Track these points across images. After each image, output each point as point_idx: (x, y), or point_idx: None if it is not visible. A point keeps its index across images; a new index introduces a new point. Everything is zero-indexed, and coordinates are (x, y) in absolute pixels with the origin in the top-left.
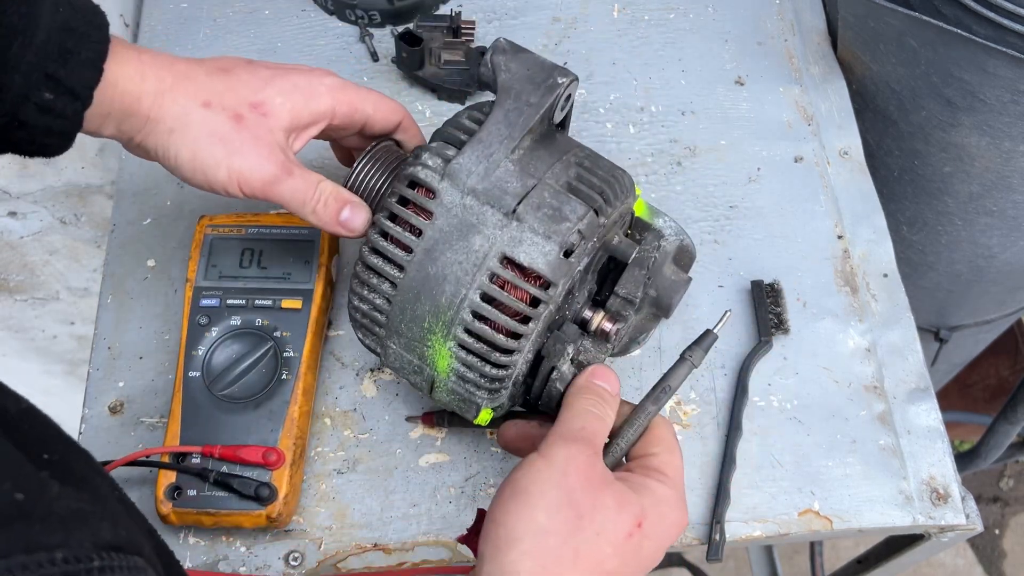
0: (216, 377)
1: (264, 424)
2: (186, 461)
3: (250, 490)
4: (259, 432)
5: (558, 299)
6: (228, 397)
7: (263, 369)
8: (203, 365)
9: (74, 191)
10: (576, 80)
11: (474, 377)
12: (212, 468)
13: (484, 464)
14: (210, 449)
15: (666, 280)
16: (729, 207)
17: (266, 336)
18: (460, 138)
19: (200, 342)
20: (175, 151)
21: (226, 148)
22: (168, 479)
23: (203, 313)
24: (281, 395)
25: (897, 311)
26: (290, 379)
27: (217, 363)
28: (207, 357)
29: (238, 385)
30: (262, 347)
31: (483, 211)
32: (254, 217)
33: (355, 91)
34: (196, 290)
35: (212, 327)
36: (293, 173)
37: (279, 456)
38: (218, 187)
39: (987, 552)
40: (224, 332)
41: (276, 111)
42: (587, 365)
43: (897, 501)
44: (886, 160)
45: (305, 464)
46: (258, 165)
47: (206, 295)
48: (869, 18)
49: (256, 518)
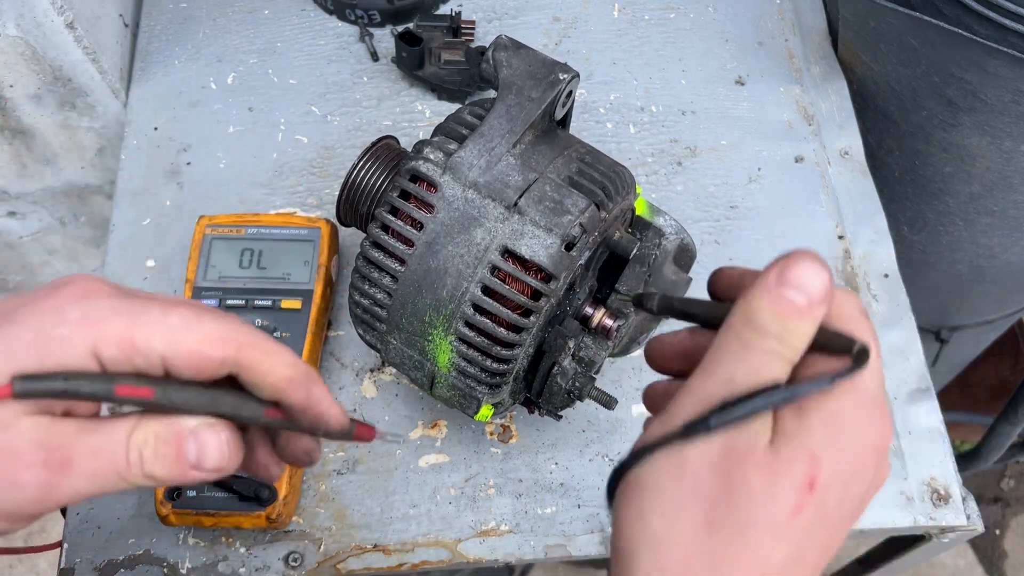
0: None
1: None
2: None
3: (250, 491)
4: None
5: (559, 292)
6: None
7: None
8: None
9: (73, 191)
10: (577, 76)
11: (475, 371)
12: None
13: (484, 465)
14: None
15: (667, 280)
16: (729, 207)
17: None
18: (461, 132)
19: None
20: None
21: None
22: None
23: None
24: None
25: (898, 311)
26: None
27: None
28: None
29: None
30: None
31: (484, 204)
32: (254, 217)
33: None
34: (195, 290)
35: None
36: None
37: None
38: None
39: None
40: None
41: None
42: (588, 362)
43: (898, 502)
44: (887, 160)
45: None
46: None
47: (205, 295)
48: (870, 18)
49: (256, 519)
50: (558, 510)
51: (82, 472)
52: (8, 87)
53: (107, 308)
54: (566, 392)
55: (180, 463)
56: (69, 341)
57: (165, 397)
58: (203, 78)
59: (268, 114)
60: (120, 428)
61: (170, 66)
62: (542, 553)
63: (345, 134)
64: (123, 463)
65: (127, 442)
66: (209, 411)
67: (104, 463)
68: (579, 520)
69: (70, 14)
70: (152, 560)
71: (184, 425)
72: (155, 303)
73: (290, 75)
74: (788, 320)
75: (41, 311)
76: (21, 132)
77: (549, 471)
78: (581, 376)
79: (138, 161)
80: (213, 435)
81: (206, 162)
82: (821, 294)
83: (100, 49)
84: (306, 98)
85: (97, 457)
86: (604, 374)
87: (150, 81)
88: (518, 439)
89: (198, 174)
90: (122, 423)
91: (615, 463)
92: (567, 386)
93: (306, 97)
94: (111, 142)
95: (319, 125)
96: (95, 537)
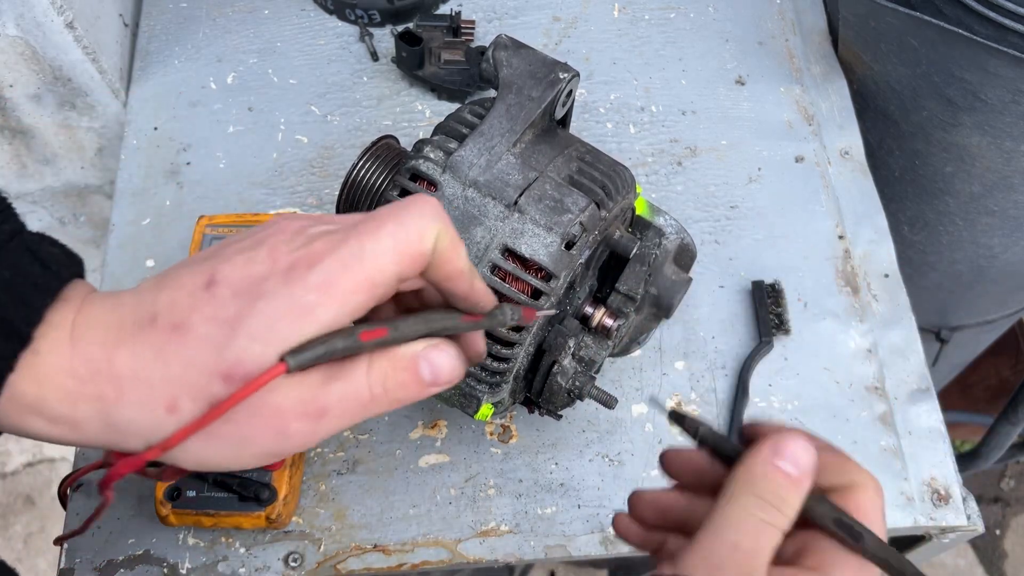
0: None
1: None
2: None
3: (250, 491)
4: None
5: (559, 291)
6: None
7: None
8: None
9: (73, 191)
10: (577, 76)
11: (475, 370)
12: None
13: (484, 465)
14: None
15: (667, 280)
16: (730, 207)
17: None
18: (462, 131)
19: None
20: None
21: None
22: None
23: None
24: None
25: (898, 311)
26: None
27: None
28: None
29: None
30: None
31: (485, 203)
32: (254, 217)
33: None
34: None
35: None
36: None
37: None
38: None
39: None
40: None
41: (259, 361)
42: (588, 361)
43: (898, 502)
44: (887, 160)
45: (305, 465)
46: (262, 450)
47: None
48: (870, 18)
49: (256, 519)
50: (558, 510)
51: (335, 415)
52: (8, 87)
53: (337, 264)
54: (566, 391)
55: (419, 383)
56: (319, 306)
57: (396, 331)
58: (203, 78)
59: (268, 114)
60: (358, 369)
61: (170, 66)
62: (542, 553)
63: (345, 134)
64: (368, 398)
65: (367, 380)
66: (426, 333)
67: (352, 403)
68: (579, 520)
69: (70, 14)
70: (152, 560)
71: (412, 350)
72: (363, 233)
73: (290, 75)
74: (781, 490)
75: (283, 282)
76: (21, 132)
77: (549, 471)
78: (581, 375)
79: (138, 161)
80: (439, 353)
81: (206, 162)
82: (810, 468)
83: (100, 49)
84: (306, 98)
85: (345, 399)
86: (604, 374)
87: (150, 81)
88: (518, 439)
89: (198, 174)
90: (357, 365)
91: None
92: (567, 385)
93: (306, 97)
94: (111, 142)
95: (319, 125)
96: (95, 537)
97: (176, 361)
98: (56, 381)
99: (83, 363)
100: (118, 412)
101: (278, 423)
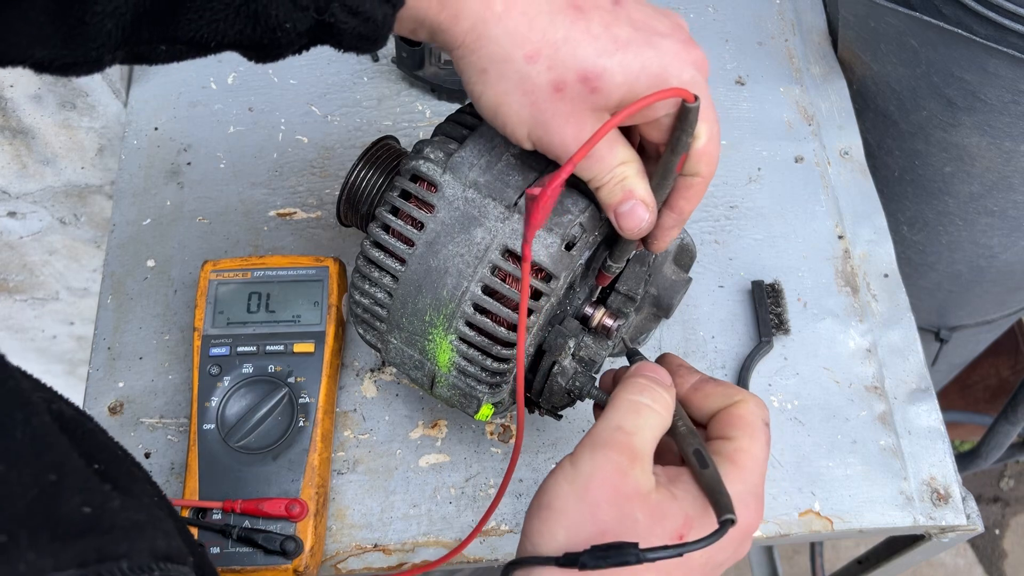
0: (232, 428)
1: (284, 474)
2: (207, 517)
3: (275, 545)
4: (280, 483)
5: (559, 292)
6: (245, 448)
7: (279, 417)
8: (217, 416)
9: (73, 191)
10: None
11: (475, 371)
12: (234, 524)
13: (484, 464)
14: (231, 504)
15: (667, 280)
16: (729, 207)
17: (280, 382)
18: (462, 132)
19: (212, 393)
20: (480, 90)
21: (534, 115)
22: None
23: (213, 363)
24: (300, 443)
25: (898, 311)
26: (308, 425)
27: (231, 414)
28: (221, 408)
29: (255, 435)
30: (277, 394)
31: (485, 204)
32: (259, 260)
33: (710, 107)
34: (205, 339)
35: (224, 376)
36: (592, 154)
37: (302, 507)
38: (513, 140)
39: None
40: (236, 381)
41: (607, 91)
42: (588, 361)
43: (898, 502)
44: (887, 160)
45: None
46: (560, 142)
47: (215, 343)
48: (870, 18)
49: (283, 572)
50: None
51: (587, 162)
52: (8, 87)
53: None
54: (566, 391)
55: (613, 205)
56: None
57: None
58: (203, 78)
59: (268, 114)
60: (618, 157)
61: (170, 66)
62: None
63: (345, 134)
64: (603, 175)
65: (612, 170)
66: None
67: (596, 167)
68: None
69: None
70: None
71: (640, 193)
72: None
73: (290, 75)
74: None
75: (669, 55)
76: (21, 132)
77: (549, 471)
78: (581, 375)
79: (138, 161)
80: (643, 211)
81: (206, 162)
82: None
83: None
84: (306, 98)
85: (598, 161)
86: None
87: (150, 81)
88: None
89: (198, 174)
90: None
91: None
92: (567, 385)
93: (306, 97)
94: (111, 142)
95: (319, 125)
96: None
97: (561, 33)
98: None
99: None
100: (494, 29)
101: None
